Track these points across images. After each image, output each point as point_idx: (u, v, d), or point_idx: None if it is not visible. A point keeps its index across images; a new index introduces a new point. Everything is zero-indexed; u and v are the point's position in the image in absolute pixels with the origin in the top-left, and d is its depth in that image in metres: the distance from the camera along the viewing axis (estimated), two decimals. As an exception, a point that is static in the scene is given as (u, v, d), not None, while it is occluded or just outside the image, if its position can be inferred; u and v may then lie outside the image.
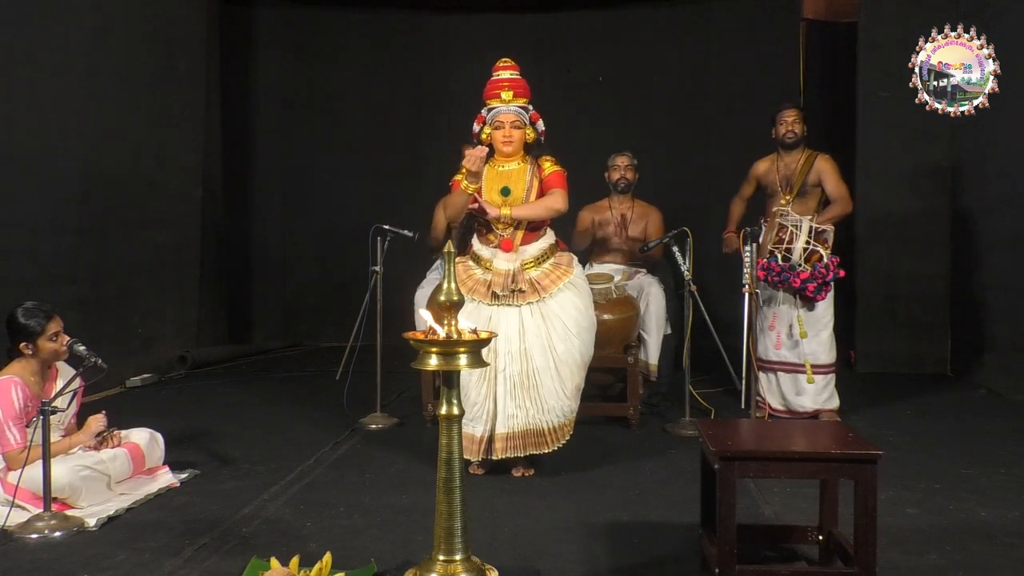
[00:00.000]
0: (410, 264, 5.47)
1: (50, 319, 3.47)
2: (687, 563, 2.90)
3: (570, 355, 3.83)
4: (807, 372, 4.87)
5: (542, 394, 3.81)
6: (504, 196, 3.93)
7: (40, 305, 3.49)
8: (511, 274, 3.88)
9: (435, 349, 2.53)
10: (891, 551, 2.93)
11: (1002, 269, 5.87)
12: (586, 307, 3.94)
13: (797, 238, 4.77)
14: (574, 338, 3.84)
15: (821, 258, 4.73)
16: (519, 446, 3.82)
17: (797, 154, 5.07)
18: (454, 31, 8.28)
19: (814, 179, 5.01)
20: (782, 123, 5.05)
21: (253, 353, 7.55)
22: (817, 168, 5.01)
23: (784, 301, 4.91)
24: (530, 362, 3.79)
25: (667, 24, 8.12)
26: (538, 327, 3.82)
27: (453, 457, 2.58)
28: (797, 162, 5.05)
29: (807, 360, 4.87)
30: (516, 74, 3.99)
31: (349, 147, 8.20)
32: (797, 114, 5.06)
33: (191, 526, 3.25)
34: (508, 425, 3.81)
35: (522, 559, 2.91)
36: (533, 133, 4.00)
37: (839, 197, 4.98)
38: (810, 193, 5.03)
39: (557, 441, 3.85)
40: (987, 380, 5.94)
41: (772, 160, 5.18)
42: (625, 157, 5.44)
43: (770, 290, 4.92)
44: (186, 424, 4.82)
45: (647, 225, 5.42)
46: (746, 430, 3.12)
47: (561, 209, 3.90)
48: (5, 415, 3.37)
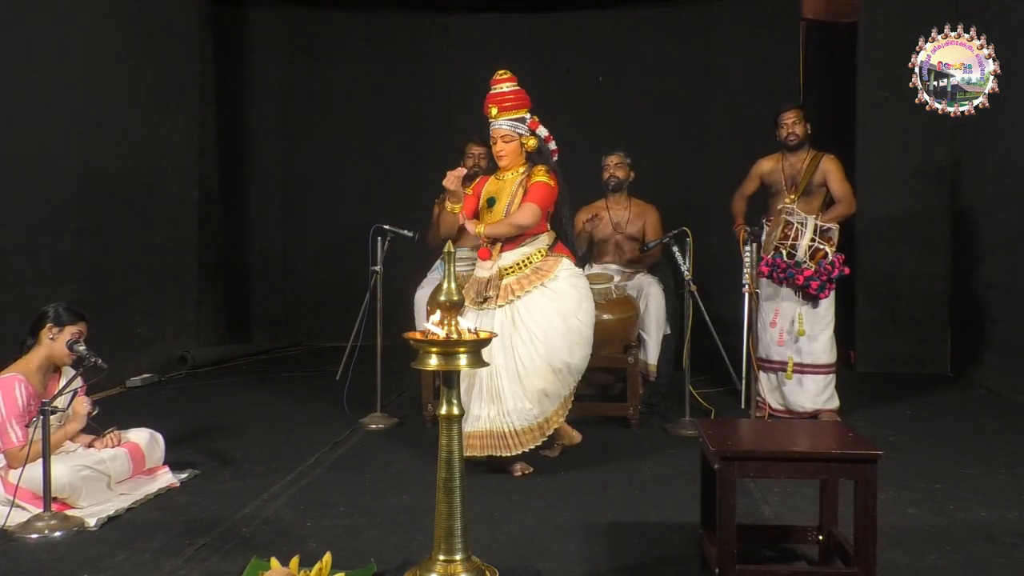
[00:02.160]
0: (410, 264, 5.47)
1: (82, 319, 3.56)
2: (687, 563, 2.90)
3: (531, 358, 3.82)
4: (788, 370, 4.87)
5: (503, 396, 3.83)
6: (489, 207, 4.04)
7: (76, 307, 3.62)
8: (485, 281, 3.97)
9: (435, 349, 2.53)
10: (891, 551, 2.93)
11: (1002, 269, 5.87)
12: (563, 311, 3.90)
13: (803, 235, 4.78)
14: (539, 342, 3.83)
15: (826, 255, 4.75)
16: (480, 447, 3.82)
17: (803, 154, 5.09)
18: (454, 31, 8.28)
19: (820, 179, 5.04)
20: (782, 126, 5.06)
21: (253, 353, 7.56)
22: (823, 168, 5.03)
23: (786, 298, 4.92)
24: (493, 363, 3.79)
25: (667, 24, 8.11)
26: (505, 330, 3.86)
27: (453, 457, 2.58)
28: (803, 162, 5.07)
29: (791, 359, 4.87)
30: (509, 86, 4.01)
31: (349, 147, 8.20)
32: (797, 115, 5.06)
33: (191, 526, 3.25)
34: (472, 426, 3.83)
35: (522, 559, 2.91)
36: (534, 140, 4.02)
37: (843, 197, 5.01)
38: (815, 193, 5.06)
39: (520, 446, 3.83)
40: (987, 380, 5.94)
41: (777, 159, 5.18)
42: (615, 156, 5.41)
43: (773, 286, 4.93)
44: (186, 424, 4.82)
45: (645, 224, 5.40)
46: (746, 430, 3.12)
47: (524, 224, 3.91)
48: (8, 412, 3.37)
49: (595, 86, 8.10)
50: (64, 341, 3.49)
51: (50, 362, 3.56)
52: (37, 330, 3.52)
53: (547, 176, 3.96)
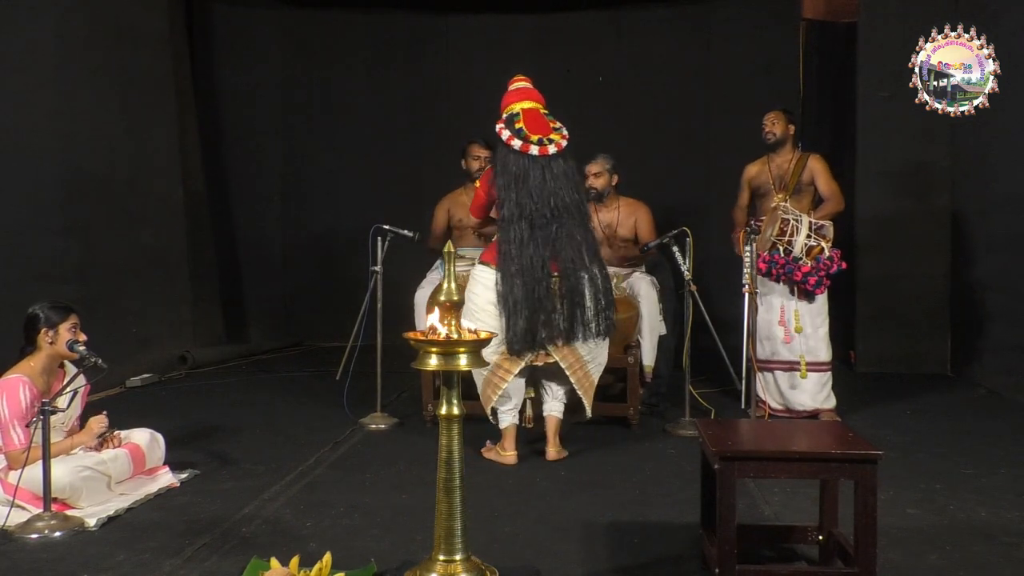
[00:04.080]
0: (410, 264, 5.47)
1: (71, 311, 3.54)
2: (687, 563, 2.90)
3: None
4: (801, 368, 4.88)
5: None
6: None
7: (61, 301, 3.60)
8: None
9: (435, 349, 2.53)
10: (891, 551, 2.93)
11: (1002, 269, 5.87)
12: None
13: (798, 232, 4.80)
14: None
15: (823, 251, 4.77)
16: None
17: (787, 154, 5.19)
18: (454, 31, 8.27)
19: (808, 178, 5.15)
20: (763, 125, 5.22)
21: (253, 353, 7.55)
22: (810, 168, 5.14)
23: (782, 294, 4.93)
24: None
25: (667, 24, 8.11)
26: None
27: (453, 457, 2.58)
28: (789, 162, 5.18)
29: (803, 356, 4.88)
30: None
31: (349, 147, 8.19)
32: (776, 116, 5.20)
33: (191, 526, 3.25)
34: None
35: (522, 559, 2.91)
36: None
37: (832, 195, 5.10)
38: (804, 191, 5.16)
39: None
40: (987, 380, 5.94)
41: (763, 162, 5.29)
42: (595, 164, 5.19)
43: (769, 283, 4.93)
44: (186, 424, 4.82)
45: (636, 222, 5.28)
46: (746, 430, 3.13)
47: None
48: (11, 414, 3.37)
49: (595, 86, 8.10)
50: (64, 341, 3.48)
51: (53, 362, 3.56)
52: (33, 336, 3.50)
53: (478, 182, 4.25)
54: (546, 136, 4.10)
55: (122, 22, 6.37)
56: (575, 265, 4.04)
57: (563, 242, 4.04)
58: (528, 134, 4.07)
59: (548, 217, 4.03)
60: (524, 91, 4.28)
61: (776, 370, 4.98)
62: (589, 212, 4.29)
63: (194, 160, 7.43)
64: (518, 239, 4.00)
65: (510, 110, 4.18)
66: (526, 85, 4.32)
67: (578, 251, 4.06)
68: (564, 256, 4.03)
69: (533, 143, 4.05)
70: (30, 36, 5.47)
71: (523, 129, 4.08)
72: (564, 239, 4.04)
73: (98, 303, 5.76)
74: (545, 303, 4.00)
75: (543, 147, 4.05)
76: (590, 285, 4.08)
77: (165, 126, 6.86)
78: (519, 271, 3.98)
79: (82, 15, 5.91)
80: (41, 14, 5.54)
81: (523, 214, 4.02)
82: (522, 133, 4.08)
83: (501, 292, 4.00)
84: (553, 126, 4.17)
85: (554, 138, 4.11)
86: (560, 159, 4.10)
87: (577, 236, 4.08)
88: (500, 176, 4.10)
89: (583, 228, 4.14)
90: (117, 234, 6.18)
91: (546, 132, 4.11)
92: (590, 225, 4.26)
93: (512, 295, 3.98)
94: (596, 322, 4.10)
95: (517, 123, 4.10)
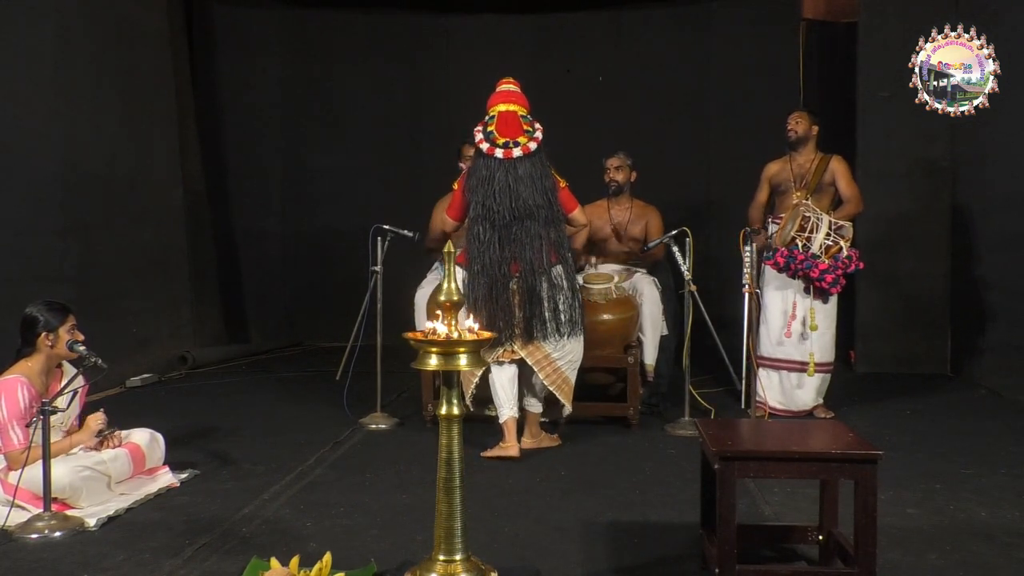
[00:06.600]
0: (410, 264, 5.47)
1: (68, 312, 3.53)
2: (687, 563, 2.90)
3: None
4: (810, 367, 4.89)
5: None
6: None
7: (55, 301, 3.57)
8: None
9: (435, 349, 2.53)
10: (891, 551, 2.94)
11: (1002, 269, 5.87)
12: None
13: (819, 229, 4.81)
14: None
15: (841, 250, 4.78)
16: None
17: (809, 154, 5.18)
18: (454, 31, 8.27)
19: (829, 179, 5.14)
20: (787, 124, 5.21)
21: (253, 353, 7.55)
22: (832, 168, 5.13)
23: (797, 291, 4.93)
24: None
25: (667, 24, 8.11)
26: None
27: (453, 457, 2.58)
28: (811, 162, 5.17)
29: (812, 355, 4.89)
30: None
31: (349, 147, 8.19)
32: (799, 115, 5.21)
33: (191, 526, 3.25)
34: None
35: (522, 559, 2.92)
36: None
37: (852, 197, 5.10)
38: (824, 191, 5.15)
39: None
40: (987, 380, 5.94)
41: (785, 161, 5.28)
42: (615, 158, 5.34)
43: (781, 279, 4.94)
44: (186, 424, 4.82)
45: (647, 225, 5.37)
46: (746, 430, 3.13)
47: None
48: (10, 414, 3.37)
49: (595, 86, 8.09)
50: (64, 343, 3.48)
51: (52, 363, 3.56)
52: (32, 339, 3.49)
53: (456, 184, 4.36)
54: (513, 139, 4.19)
55: (122, 22, 6.38)
56: (533, 266, 4.17)
57: (524, 243, 4.17)
58: (496, 137, 4.19)
59: (508, 219, 4.16)
60: (506, 94, 4.36)
61: (784, 369, 4.99)
62: (558, 211, 4.29)
63: (194, 160, 7.43)
64: (481, 240, 4.18)
65: (489, 112, 4.30)
66: (510, 88, 4.39)
67: (539, 252, 4.18)
68: (524, 257, 4.17)
69: (499, 146, 4.17)
70: (30, 36, 5.47)
71: (493, 132, 4.20)
72: (526, 240, 4.17)
73: (98, 303, 5.76)
74: (502, 302, 4.15)
75: (507, 150, 4.17)
76: (550, 285, 4.20)
77: (165, 126, 6.87)
78: (481, 270, 4.16)
79: (82, 15, 5.91)
80: (41, 14, 5.54)
81: (487, 215, 4.17)
82: (491, 136, 4.19)
83: (467, 291, 4.10)
84: (525, 128, 4.23)
85: (521, 141, 4.19)
86: (527, 161, 4.18)
87: (540, 237, 4.18)
88: (471, 178, 4.26)
89: (549, 227, 4.22)
90: (117, 234, 6.18)
91: (515, 135, 4.20)
92: (561, 224, 4.31)
93: (474, 294, 4.15)
94: (556, 321, 4.21)
95: (490, 126, 4.23)
